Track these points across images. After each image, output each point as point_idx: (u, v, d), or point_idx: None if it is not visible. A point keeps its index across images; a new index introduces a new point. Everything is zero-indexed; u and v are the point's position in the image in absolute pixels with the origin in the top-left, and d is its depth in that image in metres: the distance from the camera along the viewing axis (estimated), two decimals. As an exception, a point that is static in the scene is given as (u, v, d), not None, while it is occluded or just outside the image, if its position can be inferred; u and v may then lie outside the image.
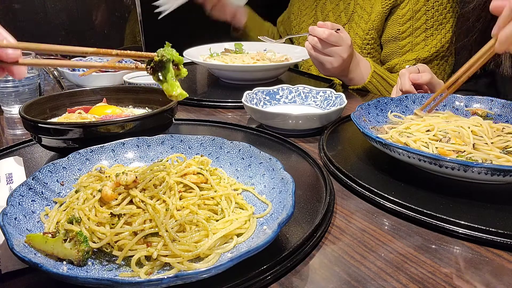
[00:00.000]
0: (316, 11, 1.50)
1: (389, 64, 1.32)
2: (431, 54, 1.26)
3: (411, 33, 1.27)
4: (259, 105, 0.98)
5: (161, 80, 0.48)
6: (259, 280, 0.46)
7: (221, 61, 1.33)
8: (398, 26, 1.28)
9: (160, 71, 0.48)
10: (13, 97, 1.02)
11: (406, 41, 1.28)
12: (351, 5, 1.39)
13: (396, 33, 1.29)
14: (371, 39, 1.33)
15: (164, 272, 0.45)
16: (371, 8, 1.31)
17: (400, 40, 1.29)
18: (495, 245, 0.53)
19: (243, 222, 0.52)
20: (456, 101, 0.89)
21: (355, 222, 0.59)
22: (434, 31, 1.26)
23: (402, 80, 0.98)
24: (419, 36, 1.27)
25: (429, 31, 1.26)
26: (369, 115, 0.84)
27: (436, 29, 1.26)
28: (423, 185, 0.65)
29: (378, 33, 1.33)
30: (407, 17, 1.26)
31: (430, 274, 0.48)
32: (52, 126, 0.69)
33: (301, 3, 1.58)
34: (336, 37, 1.07)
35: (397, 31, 1.29)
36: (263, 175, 0.61)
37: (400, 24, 1.28)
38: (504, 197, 0.63)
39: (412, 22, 1.26)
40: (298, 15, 1.58)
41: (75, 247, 0.45)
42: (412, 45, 1.27)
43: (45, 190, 0.57)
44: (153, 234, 0.48)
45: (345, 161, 0.74)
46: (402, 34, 1.28)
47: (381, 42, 1.35)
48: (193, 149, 0.69)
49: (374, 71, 1.19)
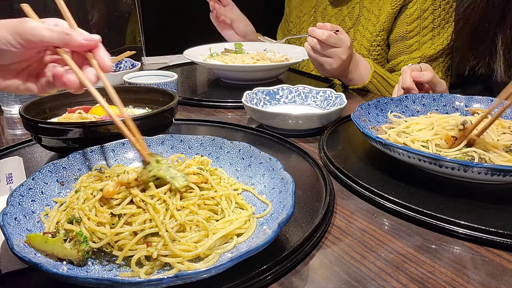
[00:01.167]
0: (316, 17, 1.49)
1: (394, 62, 1.32)
2: (437, 52, 1.26)
3: (418, 32, 1.27)
4: (259, 105, 0.98)
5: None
6: (259, 280, 0.46)
7: (221, 61, 1.33)
8: (406, 26, 1.28)
9: None
10: (13, 97, 1.02)
11: (414, 40, 1.28)
12: (356, 9, 1.38)
13: (404, 32, 1.28)
14: (381, 41, 1.32)
15: (164, 272, 0.45)
16: (380, 10, 1.31)
17: (408, 40, 1.29)
18: (495, 245, 0.53)
19: (243, 222, 0.52)
20: (456, 101, 0.89)
21: (355, 222, 0.59)
22: (441, 30, 1.26)
23: (404, 77, 0.98)
24: (426, 35, 1.26)
25: (436, 30, 1.26)
26: (369, 115, 0.84)
27: (442, 27, 1.26)
28: (423, 185, 0.65)
29: (387, 34, 1.32)
30: (414, 16, 1.26)
31: (430, 274, 0.48)
32: (52, 126, 0.69)
33: (298, 10, 1.58)
34: (335, 39, 1.07)
35: (405, 31, 1.28)
36: (263, 175, 0.61)
37: (408, 23, 1.27)
38: (504, 197, 0.63)
39: (420, 22, 1.26)
40: (297, 23, 1.58)
41: (75, 247, 0.45)
42: (420, 44, 1.27)
43: (45, 190, 0.57)
44: (153, 234, 0.48)
45: (345, 161, 0.74)
46: (409, 34, 1.28)
47: (389, 42, 1.34)
48: (193, 149, 0.69)
49: (374, 71, 1.19)
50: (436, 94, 0.91)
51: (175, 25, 2.36)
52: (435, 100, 0.90)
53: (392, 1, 1.27)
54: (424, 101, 0.90)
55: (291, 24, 1.61)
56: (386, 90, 1.21)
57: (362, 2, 1.36)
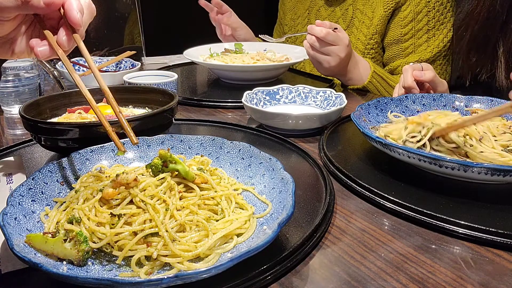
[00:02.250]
0: (310, 19, 1.49)
1: (391, 66, 1.32)
2: (434, 55, 1.26)
3: (413, 34, 1.27)
4: (259, 105, 0.98)
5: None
6: (259, 280, 0.46)
7: (221, 61, 1.33)
8: (400, 29, 1.28)
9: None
10: (13, 97, 1.02)
11: (409, 43, 1.28)
12: (349, 10, 1.38)
13: (398, 35, 1.28)
14: (375, 44, 1.32)
15: (164, 272, 0.45)
16: (373, 12, 1.31)
17: (403, 43, 1.29)
18: (495, 245, 0.53)
19: (243, 222, 0.52)
20: (456, 101, 0.89)
21: (355, 222, 0.59)
22: (436, 32, 1.26)
23: (405, 76, 0.98)
24: (421, 38, 1.26)
25: (431, 32, 1.26)
26: (369, 115, 0.84)
27: (437, 29, 1.25)
28: (423, 185, 0.65)
29: (381, 37, 1.32)
30: (408, 19, 1.26)
31: (430, 274, 0.48)
32: (52, 126, 0.69)
33: (293, 13, 1.58)
34: (333, 36, 1.08)
35: (399, 34, 1.28)
36: (263, 175, 0.61)
37: (402, 26, 1.27)
38: (504, 197, 0.63)
39: (414, 24, 1.26)
40: (292, 26, 1.58)
41: (75, 247, 0.45)
42: (415, 46, 1.27)
43: (45, 190, 0.57)
44: (153, 234, 0.48)
45: (345, 161, 0.74)
46: (404, 36, 1.28)
47: (384, 45, 1.34)
48: (193, 149, 0.69)
49: (374, 71, 1.19)
50: (436, 94, 0.91)
51: (175, 25, 2.36)
52: (435, 100, 0.90)
53: (384, 4, 1.27)
54: (424, 101, 0.90)
55: (286, 27, 1.62)
56: (386, 90, 1.21)
57: (356, 4, 1.36)
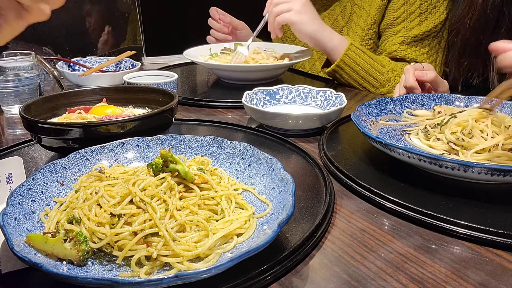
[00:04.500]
0: None
1: (381, 48, 1.32)
2: (422, 33, 1.25)
3: (405, 18, 1.27)
4: (259, 105, 0.98)
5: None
6: (259, 280, 0.46)
7: (221, 61, 1.33)
8: (393, 12, 1.28)
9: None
10: (13, 97, 1.02)
11: (401, 26, 1.28)
12: (347, 7, 1.38)
13: (391, 19, 1.29)
14: (373, 33, 1.33)
15: (164, 272, 0.45)
16: (370, 5, 1.31)
17: (395, 26, 1.29)
18: (495, 245, 0.53)
19: (243, 222, 0.52)
20: (456, 101, 0.89)
21: (355, 222, 0.59)
22: (428, 15, 1.26)
23: (407, 76, 0.98)
24: (413, 21, 1.26)
25: (423, 15, 1.26)
26: (369, 115, 0.84)
27: (430, 12, 1.25)
28: (423, 185, 0.65)
29: (378, 26, 1.33)
30: (401, 2, 1.27)
31: (430, 274, 0.48)
32: (52, 126, 0.69)
33: None
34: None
35: (392, 18, 1.29)
36: (263, 175, 0.61)
37: (395, 10, 1.28)
38: (504, 197, 0.63)
39: (407, 7, 1.26)
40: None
41: (75, 247, 0.45)
42: (407, 30, 1.27)
43: (45, 190, 0.57)
44: (153, 234, 0.48)
45: (345, 161, 0.74)
46: (396, 20, 1.28)
47: (379, 32, 1.35)
48: (193, 149, 0.69)
49: (351, 44, 1.18)
50: (436, 94, 0.91)
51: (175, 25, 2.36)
52: (435, 100, 0.90)
53: None
54: (424, 101, 0.90)
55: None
56: (367, 63, 1.20)
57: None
